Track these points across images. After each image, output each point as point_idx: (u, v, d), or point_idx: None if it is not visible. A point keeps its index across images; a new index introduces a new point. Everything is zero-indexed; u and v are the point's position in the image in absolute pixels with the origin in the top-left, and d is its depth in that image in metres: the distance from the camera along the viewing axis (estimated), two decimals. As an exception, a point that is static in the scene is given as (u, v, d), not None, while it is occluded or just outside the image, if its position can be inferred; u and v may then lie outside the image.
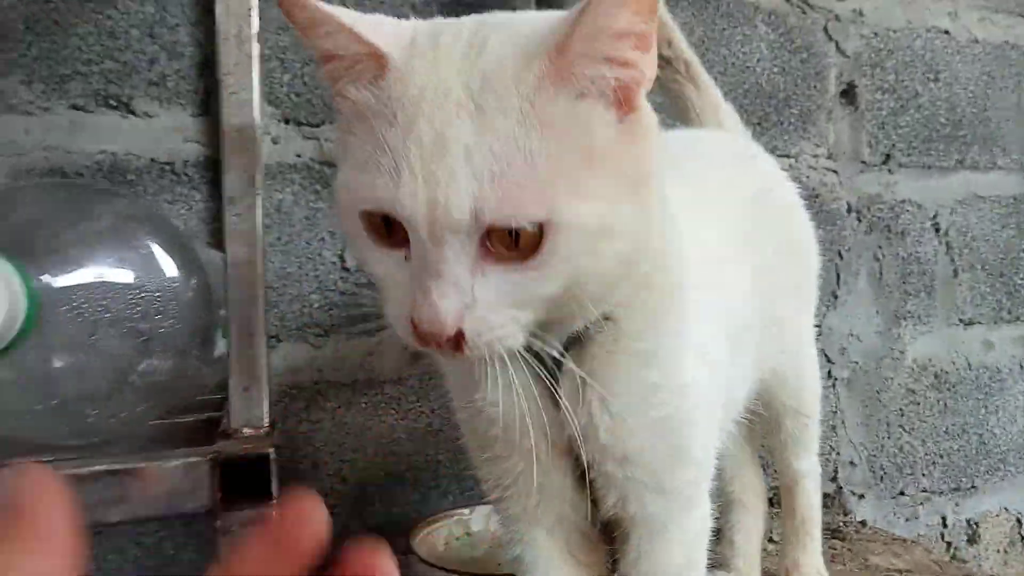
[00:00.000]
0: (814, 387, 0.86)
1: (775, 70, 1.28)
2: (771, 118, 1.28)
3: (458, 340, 0.40)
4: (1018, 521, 1.46)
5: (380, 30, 0.42)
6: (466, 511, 0.98)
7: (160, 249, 0.50)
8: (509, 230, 0.39)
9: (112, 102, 0.98)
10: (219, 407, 0.67)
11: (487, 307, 0.40)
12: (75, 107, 0.96)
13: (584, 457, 0.50)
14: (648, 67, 0.42)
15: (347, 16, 0.41)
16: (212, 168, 1.01)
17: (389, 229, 0.41)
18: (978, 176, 1.42)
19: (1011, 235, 1.45)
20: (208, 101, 1.01)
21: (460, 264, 0.40)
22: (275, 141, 1.03)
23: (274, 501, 0.47)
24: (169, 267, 0.51)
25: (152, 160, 0.99)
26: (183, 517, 0.67)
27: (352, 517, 1.05)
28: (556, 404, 0.48)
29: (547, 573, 0.57)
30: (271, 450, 0.48)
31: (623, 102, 0.42)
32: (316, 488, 0.99)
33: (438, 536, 0.95)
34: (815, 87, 1.31)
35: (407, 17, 0.45)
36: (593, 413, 0.48)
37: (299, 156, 1.05)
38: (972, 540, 1.41)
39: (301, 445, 1.04)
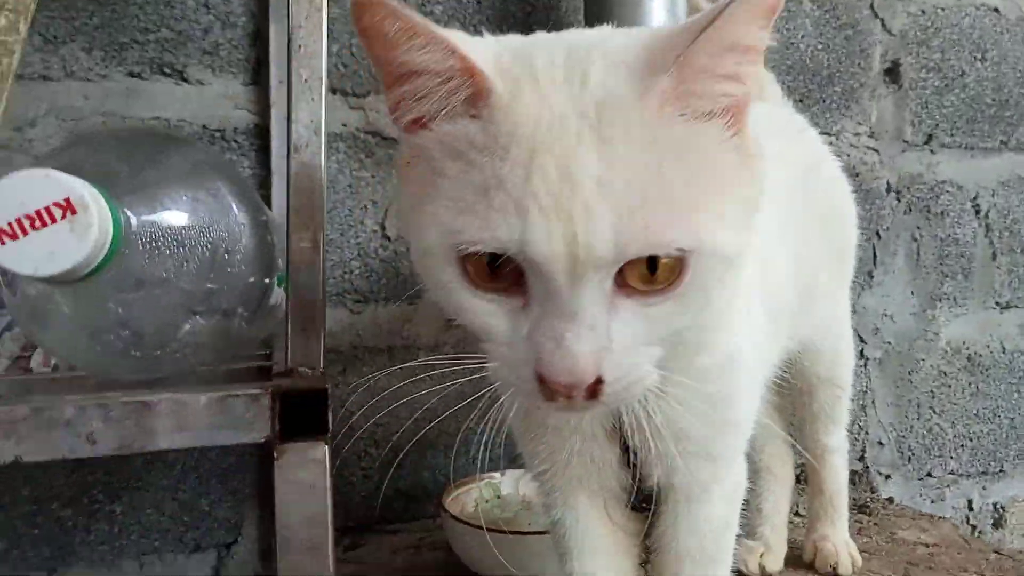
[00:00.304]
0: (848, 359, 0.86)
1: (819, 47, 1.26)
2: (814, 95, 1.27)
3: (594, 389, 0.38)
4: (1047, 508, 1.44)
5: (469, 44, 0.38)
6: (496, 475, 0.99)
7: (230, 194, 0.53)
8: (647, 262, 0.37)
9: (167, 70, 1.01)
10: (267, 359, 0.70)
11: (624, 348, 0.38)
12: (131, 74, 1.00)
13: (636, 442, 0.50)
14: (755, 81, 0.40)
15: (435, 26, 0.37)
16: (261, 136, 1.04)
17: (494, 273, 0.38)
18: (1022, 158, 1.39)
19: (1053, 220, 1.43)
20: (259, 70, 1.03)
21: (596, 304, 0.37)
22: (322, 109, 1.06)
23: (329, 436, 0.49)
24: (239, 211, 0.53)
25: (204, 127, 1.02)
26: (242, 448, 0.70)
27: (384, 480, 1.08)
28: None
29: (586, 535, 0.59)
30: (328, 387, 0.50)
31: (734, 120, 0.40)
32: (350, 451, 1.01)
33: (468, 498, 0.96)
34: (859, 65, 1.29)
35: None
36: (648, 402, 0.47)
37: (344, 125, 1.07)
38: (998, 524, 1.39)
39: (336, 408, 1.07)
